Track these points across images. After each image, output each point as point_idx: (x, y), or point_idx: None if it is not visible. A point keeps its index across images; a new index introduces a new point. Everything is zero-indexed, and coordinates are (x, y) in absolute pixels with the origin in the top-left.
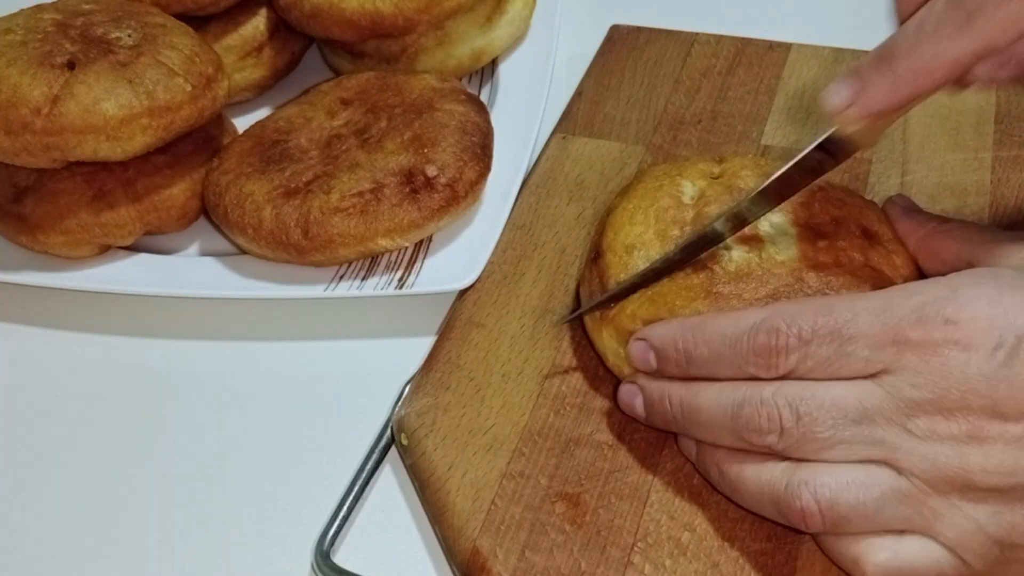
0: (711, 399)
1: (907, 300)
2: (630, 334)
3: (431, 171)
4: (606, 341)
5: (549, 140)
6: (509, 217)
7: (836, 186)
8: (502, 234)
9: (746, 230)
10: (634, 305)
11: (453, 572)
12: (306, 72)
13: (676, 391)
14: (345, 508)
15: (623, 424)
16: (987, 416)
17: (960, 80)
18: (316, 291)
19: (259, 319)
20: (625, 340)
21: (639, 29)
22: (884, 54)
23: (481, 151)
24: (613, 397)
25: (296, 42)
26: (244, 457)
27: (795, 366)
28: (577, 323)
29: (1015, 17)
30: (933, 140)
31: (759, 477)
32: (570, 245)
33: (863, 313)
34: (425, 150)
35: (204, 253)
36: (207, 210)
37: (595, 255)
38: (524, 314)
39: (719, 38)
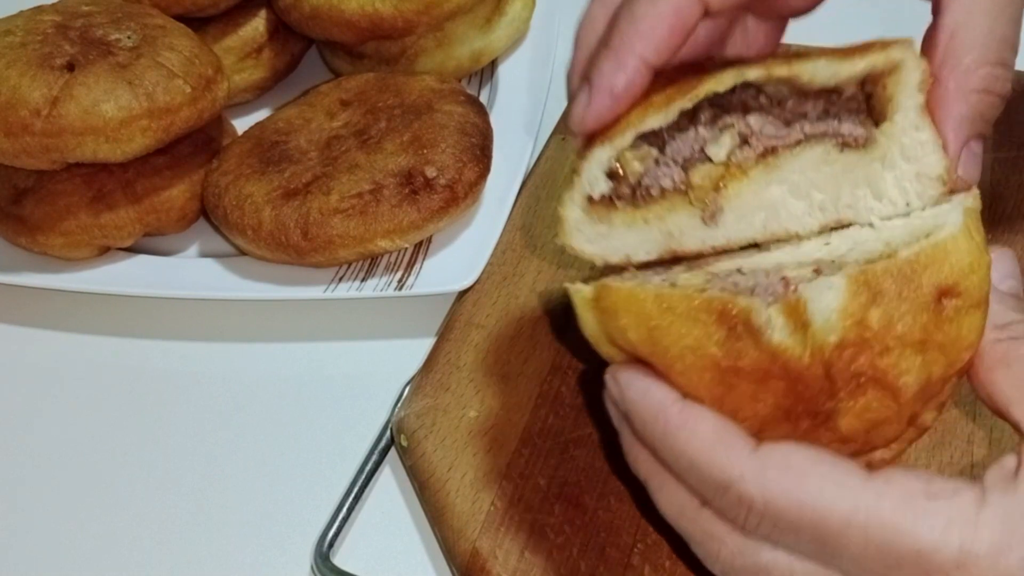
0: (670, 505)
1: (912, 538)
2: (612, 342)
3: (430, 172)
4: (590, 324)
5: (549, 140)
6: (509, 218)
7: None
8: (502, 235)
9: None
10: (627, 320)
11: (453, 573)
12: (305, 73)
13: (644, 464)
14: (344, 509)
15: None
16: None
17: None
18: (315, 292)
19: (258, 320)
20: (607, 339)
21: None
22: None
23: (480, 152)
24: None
25: (296, 43)
26: (244, 458)
27: (762, 539)
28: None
29: None
30: None
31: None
32: None
33: (857, 536)
34: (424, 151)
35: (203, 254)
36: (206, 211)
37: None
38: (524, 315)
39: None
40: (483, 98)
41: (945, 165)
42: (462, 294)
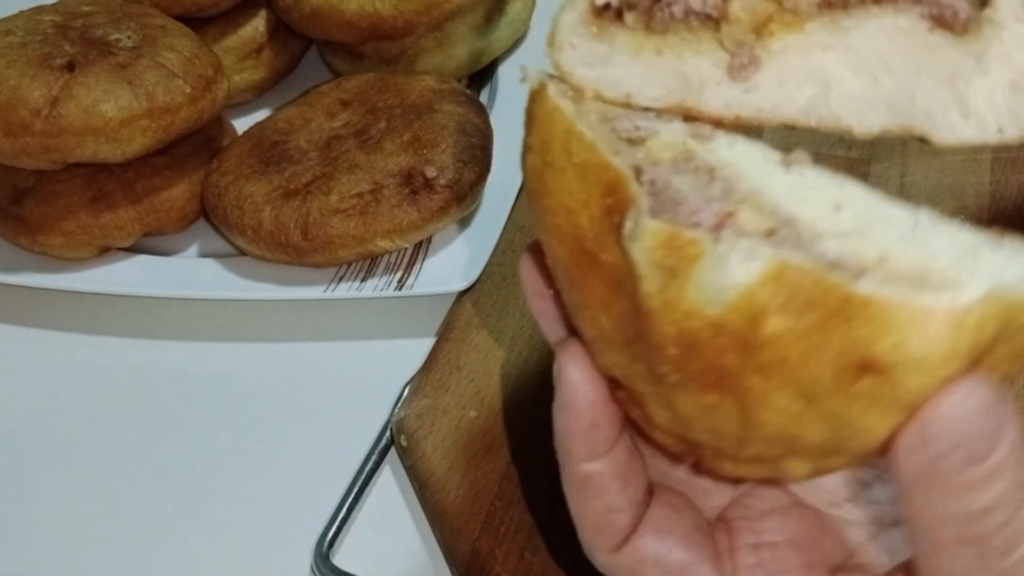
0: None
1: None
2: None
3: (430, 172)
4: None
5: None
6: (509, 218)
7: None
8: (502, 235)
9: None
10: (534, 138)
11: (453, 573)
12: (306, 73)
13: None
14: (344, 509)
15: None
16: None
17: None
18: (315, 292)
19: (258, 320)
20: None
21: None
22: None
23: (480, 152)
24: None
25: (296, 44)
26: (244, 458)
27: None
28: None
29: None
30: None
31: None
32: None
33: None
34: (424, 151)
35: (203, 255)
36: (206, 211)
37: None
38: (524, 315)
39: None
40: (483, 98)
41: None
42: (462, 294)
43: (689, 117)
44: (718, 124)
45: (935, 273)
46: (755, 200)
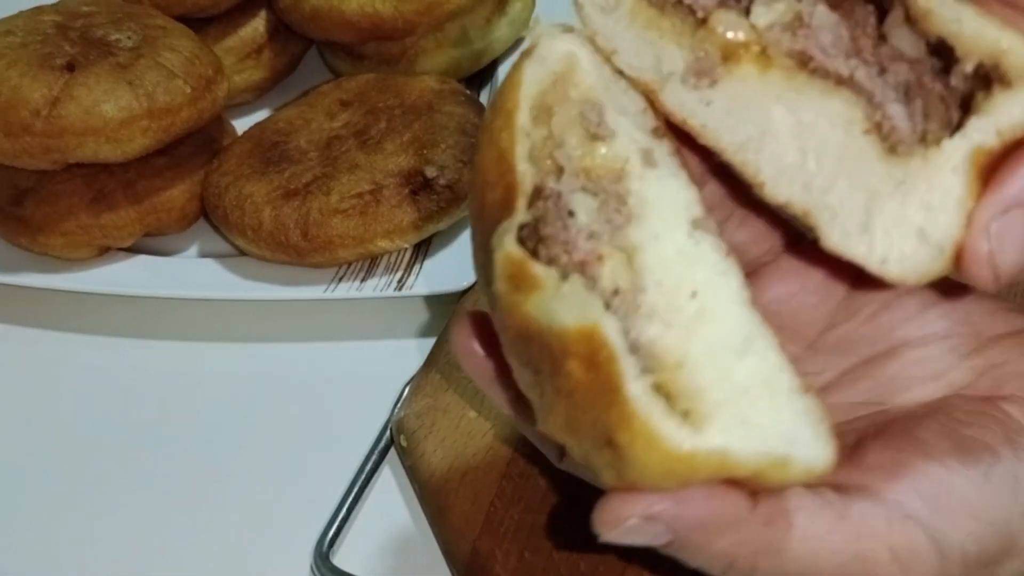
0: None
1: None
2: None
3: (430, 172)
4: None
5: None
6: None
7: None
8: None
9: None
10: (502, 88)
11: (452, 573)
12: (306, 74)
13: None
14: (344, 509)
15: None
16: None
17: None
18: (316, 292)
19: (258, 321)
20: None
21: None
22: None
23: None
24: None
25: (296, 44)
26: (243, 458)
27: None
28: None
29: None
30: None
31: None
32: None
33: None
34: (424, 151)
35: (204, 255)
36: (207, 211)
37: None
38: None
39: None
40: (483, 98)
41: (954, 238)
42: (462, 294)
43: (652, 105)
44: (668, 121)
45: (706, 401)
46: (632, 254)
